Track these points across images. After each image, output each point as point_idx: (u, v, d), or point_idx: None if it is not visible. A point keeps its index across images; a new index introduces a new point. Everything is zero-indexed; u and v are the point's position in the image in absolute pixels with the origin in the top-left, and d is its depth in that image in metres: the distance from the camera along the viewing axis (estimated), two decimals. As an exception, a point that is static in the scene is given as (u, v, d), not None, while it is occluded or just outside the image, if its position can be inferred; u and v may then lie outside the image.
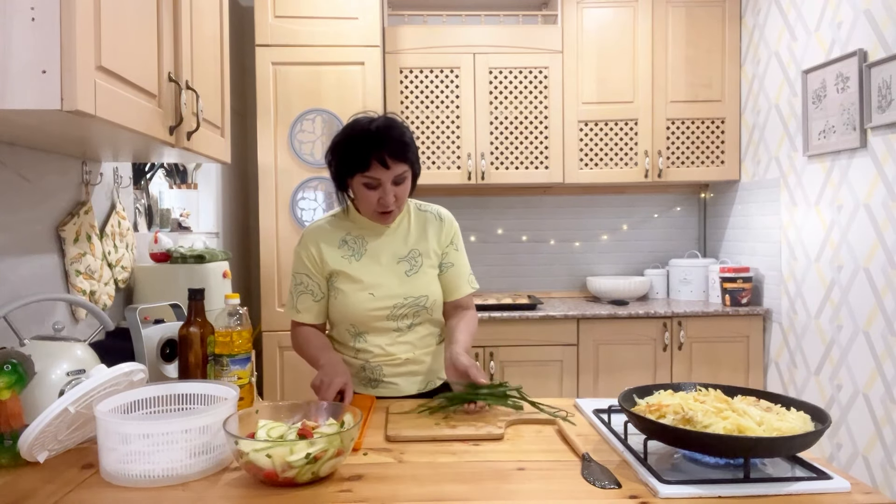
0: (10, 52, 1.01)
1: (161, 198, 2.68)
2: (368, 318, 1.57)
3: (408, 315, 1.58)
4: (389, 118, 1.52)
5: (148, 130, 1.32)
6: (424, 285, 1.58)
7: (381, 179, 1.47)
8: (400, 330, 1.59)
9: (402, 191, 1.51)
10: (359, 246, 1.59)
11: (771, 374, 3.04)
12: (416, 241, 1.61)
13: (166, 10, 1.44)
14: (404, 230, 1.62)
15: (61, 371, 1.23)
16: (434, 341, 1.65)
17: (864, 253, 2.43)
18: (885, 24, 2.31)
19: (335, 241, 1.60)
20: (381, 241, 1.60)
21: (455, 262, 1.64)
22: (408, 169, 1.50)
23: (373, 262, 1.58)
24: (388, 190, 1.48)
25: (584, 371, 3.00)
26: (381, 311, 1.56)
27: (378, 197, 1.48)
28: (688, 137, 3.25)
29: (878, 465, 2.36)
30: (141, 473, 1.02)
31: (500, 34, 3.18)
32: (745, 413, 1.07)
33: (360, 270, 1.57)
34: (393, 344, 1.59)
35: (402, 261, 1.59)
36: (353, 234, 1.61)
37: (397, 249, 1.59)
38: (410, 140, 1.51)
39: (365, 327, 1.59)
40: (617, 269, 3.62)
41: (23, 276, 1.55)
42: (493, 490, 1.00)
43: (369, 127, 1.47)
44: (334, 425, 1.10)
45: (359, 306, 1.56)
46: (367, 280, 1.56)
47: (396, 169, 1.47)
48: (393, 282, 1.57)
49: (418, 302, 1.57)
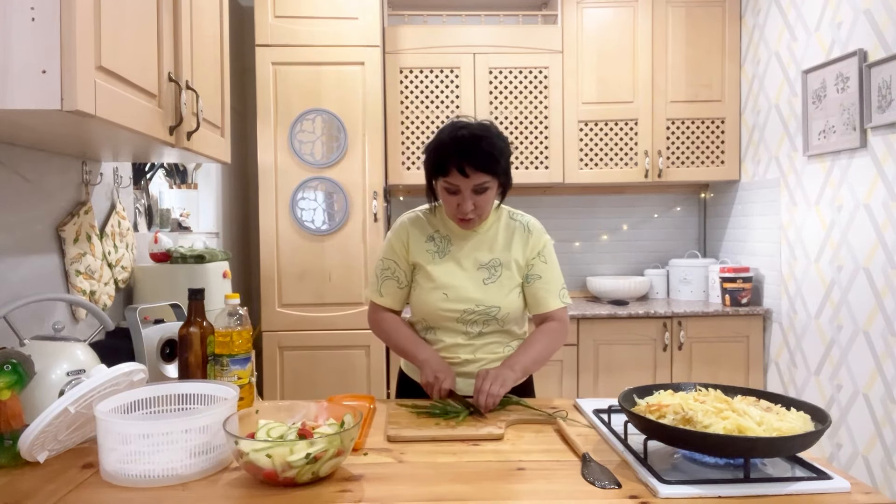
0: (10, 52, 1.01)
1: (161, 198, 2.68)
2: (439, 318, 1.59)
3: (478, 322, 1.58)
4: (484, 126, 1.51)
5: (148, 130, 1.32)
6: (499, 296, 1.57)
7: (461, 187, 1.48)
8: (468, 334, 1.59)
9: (482, 200, 1.50)
10: (444, 245, 1.61)
11: (771, 374, 3.04)
12: (501, 250, 1.60)
13: (166, 10, 1.43)
14: (491, 237, 1.61)
15: (61, 371, 1.23)
16: (501, 349, 1.63)
17: (864, 253, 2.43)
18: (885, 24, 2.31)
19: (425, 234, 1.62)
20: (465, 245, 1.60)
21: (542, 274, 1.61)
22: (490, 179, 1.49)
23: (454, 263, 1.59)
24: (467, 197, 1.48)
25: (584, 371, 3.00)
26: (452, 312, 1.57)
27: (457, 203, 1.50)
28: (688, 137, 3.25)
29: (878, 465, 2.36)
30: (141, 473, 1.02)
31: (500, 34, 3.18)
32: (745, 413, 1.07)
33: (440, 269, 1.59)
34: (460, 346, 1.60)
35: (482, 268, 1.58)
36: (441, 232, 1.62)
37: (480, 255, 1.59)
38: (499, 152, 1.49)
39: (436, 324, 1.61)
40: (617, 269, 3.62)
41: (23, 276, 1.55)
42: (493, 490, 1.00)
43: (457, 134, 1.48)
44: (334, 425, 1.10)
45: (431, 304, 1.58)
46: (443, 280, 1.57)
47: (476, 179, 1.47)
48: (469, 287, 1.57)
49: (489, 311, 1.56)
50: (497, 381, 1.41)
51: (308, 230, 2.91)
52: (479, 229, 1.61)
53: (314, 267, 2.92)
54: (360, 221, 2.93)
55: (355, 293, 2.91)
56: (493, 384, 1.40)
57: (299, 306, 2.92)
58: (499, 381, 1.41)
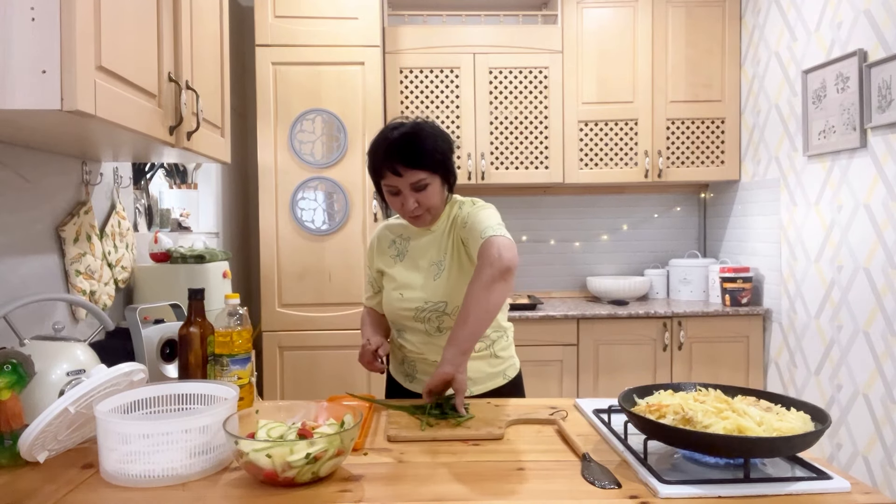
0: (10, 52, 1.01)
1: (161, 198, 2.68)
2: (400, 317, 1.61)
3: (432, 318, 1.57)
4: (418, 125, 1.50)
5: (148, 130, 1.32)
6: (445, 291, 1.55)
7: (398, 186, 1.49)
8: (429, 332, 1.59)
9: (424, 197, 1.50)
10: (403, 248, 1.64)
11: (771, 374, 3.04)
12: (447, 243, 1.59)
13: (166, 10, 1.44)
14: (440, 233, 1.60)
15: (61, 371, 1.23)
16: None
17: (864, 253, 2.43)
18: (885, 24, 2.31)
19: (388, 240, 1.67)
20: (421, 244, 1.61)
21: (467, 221, 1.50)
22: (428, 175, 1.48)
23: (411, 264, 1.61)
24: (408, 196, 1.49)
25: (584, 371, 3.00)
26: (408, 311, 1.58)
27: (401, 202, 1.51)
28: (688, 137, 3.25)
29: (878, 465, 2.36)
30: (141, 473, 1.02)
31: (500, 34, 3.18)
32: (745, 413, 1.07)
33: (399, 271, 1.61)
34: (426, 344, 1.60)
35: (433, 265, 1.58)
36: (403, 235, 1.64)
37: (433, 253, 1.59)
38: (434, 148, 1.48)
39: (401, 325, 1.63)
40: (617, 269, 3.62)
41: (23, 276, 1.55)
42: (493, 490, 1.00)
43: (388, 135, 1.49)
44: (334, 425, 1.10)
45: (391, 304, 1.61)
46: (399, 280, 1.60)
47: (411, 176, 1.46)
48: (419, 284, 1.57)
49: (437, 307, 1.56)
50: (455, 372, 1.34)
51: (308, 230, 2.91)
52: (434, 227, 1.60)
53: (314, 267, 2.92)
54: (360, 221, 2.93)
55: (355, 293, 2.91)
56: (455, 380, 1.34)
57: (299, 306, 2.92)
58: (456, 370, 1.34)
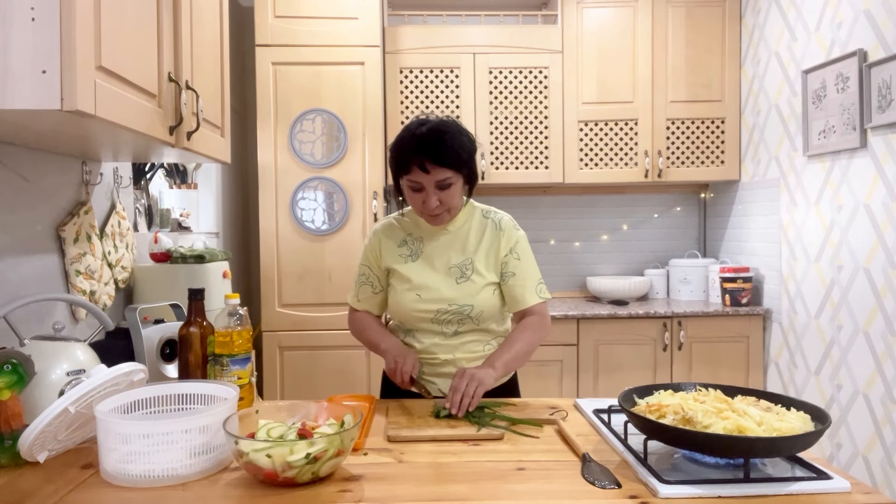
0: (10, 52, 1.01)
1: (161, 198, 2.68)
2: (415, 319, 1.59)
3: (452, 321, 1.57)
4: (443, 122, 1.50)
5: (148, 130, 1.32)
6: (471, 295, 1.56)
7: (423, 183, 1.47)
8: (444, 334, 1.59)
9: (447, 196, 1.49)
10: (417, 247, 1.61)
11: (771, 374, 3.04)
12: (473, 249, 1.59)
13: (166, 11, 1.43)
14: (463, 236, 1.60)
15: (61, 371, 1.23)
16: (480, 348, 1.62)
17: (864, 253, 2.43)
18: (885, 24, 2.31)
19: (398, 238, 1.63)
20: (437, 245, 1.60)
21: (516, 271, 1.59)
22: (453, 175, 1.48)
23: (427, 264, 1.59)
24: (431, 194, 1.48)
25: (584, 371, 3.00)
26: (426, 313, 1.57)
27: (422, 200, 1.49)
28: (688, 137, 3.25)
29: (878, 465, 2.36)
30: (141, 473, 1.02)
31: (500, 34, 3.18)
32: (745, 413, 1.07)
33: (413, 271, 1.58)
34: (437, 345, 1.59)
35: (454, 267, 1.58)
36: (414, 234, 1.62)
37: (453, 255, 1.59)
38: (461, 147, 1.48)
39: (413, 326, 1.61)
40: (617, 269, 3.62)
41: (23, 276, 1.55)
42: (493, 490, 1.00)
43: (416, 131, 1.48)
44: (334, 425, 1.10)
45: (406, 306, 1.58)
46: (416, 281, 1.57)
47: (438, 174, 1.46)
48: (441, 286, 1.56)
49: (462, 310, 1.56)
50: (474, 380, 1.38)
51: (308, 230, 2.91)
52: (451, 228, 1.60)
53: (314, 267, 2.92)
54: (360, 221, 2.93)
55: (355, 293, 2.90)
56: (470, 384, 1.37)
57: (299, 306, 2.92)
58: (475, 381, 1.38)
